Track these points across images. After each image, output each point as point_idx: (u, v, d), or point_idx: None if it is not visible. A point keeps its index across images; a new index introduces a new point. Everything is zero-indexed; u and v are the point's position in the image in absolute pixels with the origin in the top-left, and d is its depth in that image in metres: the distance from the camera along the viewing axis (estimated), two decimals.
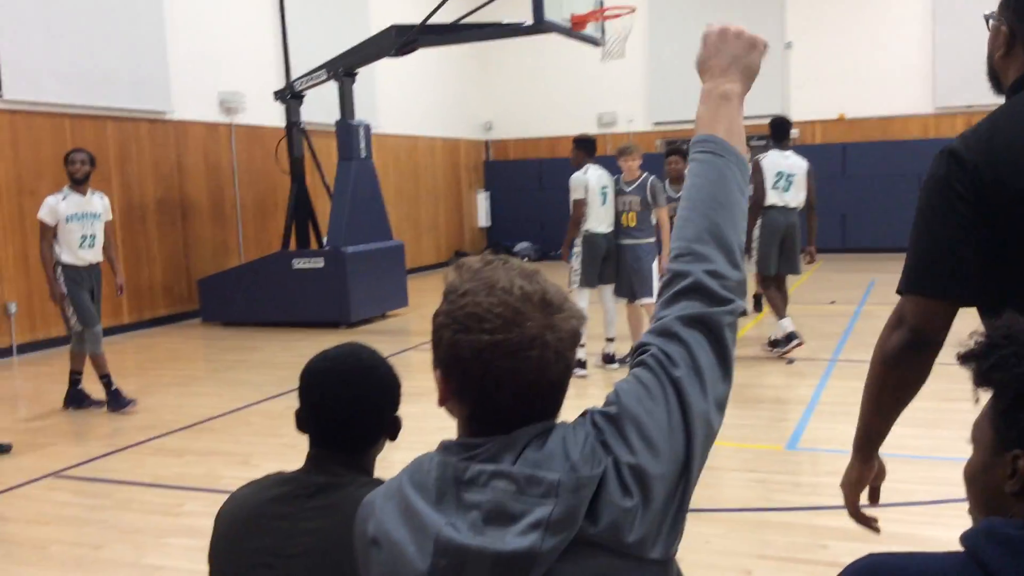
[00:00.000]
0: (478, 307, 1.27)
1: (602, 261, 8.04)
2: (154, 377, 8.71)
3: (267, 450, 6.06)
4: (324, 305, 10.99)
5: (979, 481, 1.29)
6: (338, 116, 11.51)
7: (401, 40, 10.81)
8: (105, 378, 7.26)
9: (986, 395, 1.26)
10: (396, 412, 1.98)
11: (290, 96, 11.90)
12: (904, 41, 16.69)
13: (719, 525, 4.47)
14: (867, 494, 2.12)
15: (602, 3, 11.35)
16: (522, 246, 18.89)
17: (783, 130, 8.55)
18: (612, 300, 8.25)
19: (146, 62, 11.44)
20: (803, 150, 9.32)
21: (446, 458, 1.30)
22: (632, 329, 8.19)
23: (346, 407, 1.90)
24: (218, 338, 10.88)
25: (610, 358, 8.19)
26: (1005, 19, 1.99)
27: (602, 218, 8.02)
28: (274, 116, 12.83)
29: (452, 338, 1.28)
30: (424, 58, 13.73)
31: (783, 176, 8.34)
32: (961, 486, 1.32)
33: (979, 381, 1.25)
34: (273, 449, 6.06)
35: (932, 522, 4.40)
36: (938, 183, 1.88)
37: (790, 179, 8.36)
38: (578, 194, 7.94)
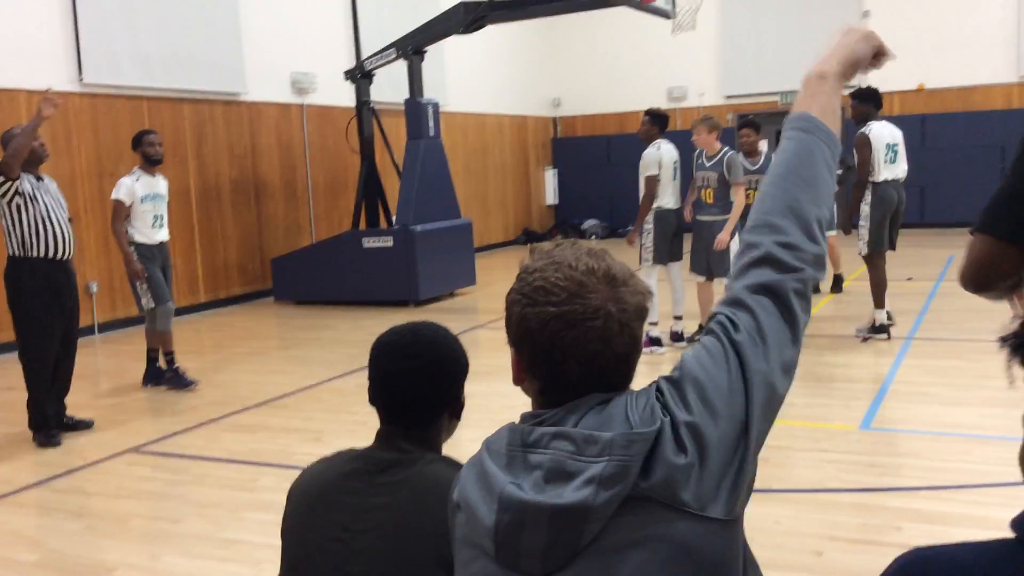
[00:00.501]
0: (545, 281, 1.35)
1: (671, 237, 7.96)
2: (229, 355, 8.90)
3: (338, 427, 6.15)
4: (393, 284, 11.09)
5: None
6: (407, 95, 11.56)
7: (470, 17, 10.81)
8: (169, 356, 7.43)
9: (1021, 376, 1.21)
10: (460, 388, 2.00)
11: (360, 76, 11.99)
12: (987, 7, 16.12)
13: (789, 506, 4.41)
14: None
15: None
16: (590, 223, 18.81)
17: (879, 99, 8.16)
18: (680, 278, 8.15)
19: (221, 45, 11.63)
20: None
21: (517, 425, 1.37)
22: (701, 308, 8.08)
23: (404, 379, 1.93)
24: (290, 316, 11.07)
25: (678, 336, 8.11)
26: None
27: (673, 193, 7.93)
28: (344, 96, 12.95)
29: (521, 312, 1.37)
30: (492, 35, 13.70)
31: (890, 148, 7.96)
32: None
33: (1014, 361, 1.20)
34: (344, 426, 6.15)
35: (1007, 504, 4.28)
36: None
37: (895, 149, 7.98)
38: (652, 171, 7.83)
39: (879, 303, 7.93)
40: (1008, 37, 16.03)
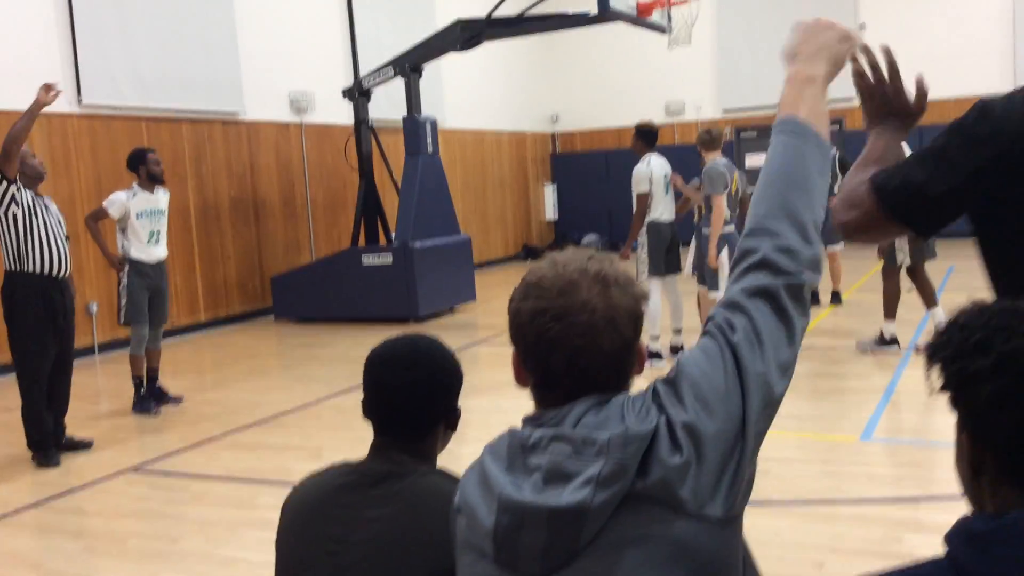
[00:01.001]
0: (540, 279, 1.43)
1: (666, 251, 7.96)
2: (228, 373, 8.89)
3: (337, 444, 6.13)
4: (393, 300, 11.08)
5: (957, 469, 1.29)
6: (405, 112, 11.59)
7: (467, 34, 10.85)
8: (137, 379, 7.36)
9: (938, 384, 1.24)
10: (455, 400, 1.99)
11: (358, 94, 12.02)
12: (981, 18, 16.18)
13: (790, 517, 4.40)
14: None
15: None
16: (590, 238, 18.82)
17: None
18: (678, 291, 8.15)
19: (219, 64, 11.67)
20: None
21: (518, 428, 1.42)
22: (702, 318, 8.07)
23: (400, 391, 1.92)
24: (290, 334, 11.06)
25: (678, 349, 8.10)
26: None
27: (666, 206, 7.95)
28: (343, 114, 12.98)
29: (515, 307, 1.44)
30: (489, 52, 13.75)
31: None
32: None
33: (932, 370, 1.22)
34: (344, 443, 6.13)
35: None
36: (963, 128, 1.81)
37: None
38: (642, 187, 7.85)
39: (890, 314, 7.90)
40: (1002, 48, 16.08)
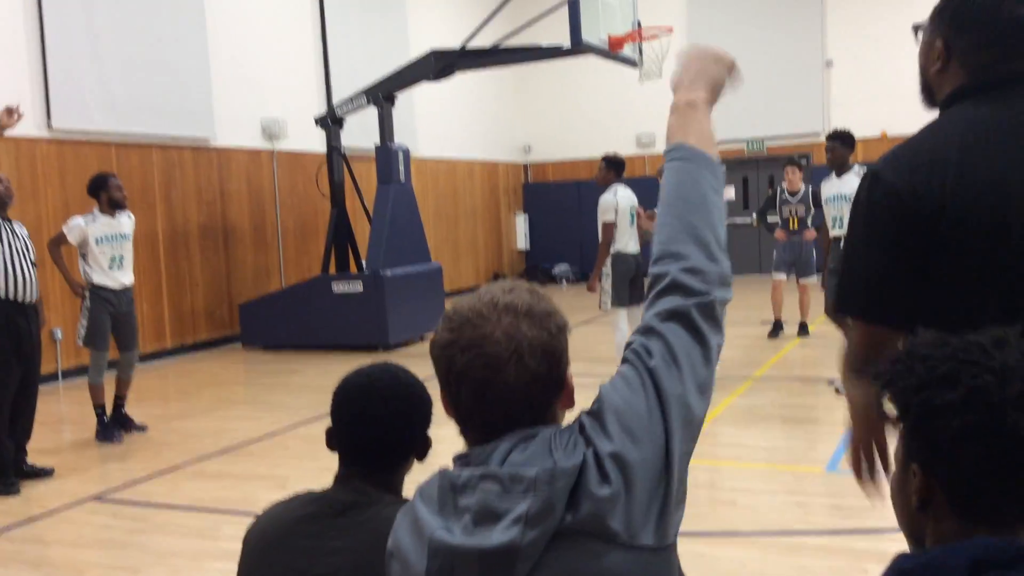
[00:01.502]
0: (455, 311, 1.42)
1: (631, 281, 8.02)
2: (194, 401, 8.80)
3: (304, 474, 6.08)
4: (363, 328, 11.04)
5: (896, 499, 1.28)
6: (377, 141, 11.62)
7: (440, 64, 10.91)
8: (99, 407, 7.26)
9: (896, 412, 1.24)
10: (426, 430, 1.99)
11: (331, 121, 12.03)
12: None
13: (755, 549, 4.40)
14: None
15: (639, 24, 11.36)
16: (561, 268, 18.88)
17: (853, 142, 7.83)
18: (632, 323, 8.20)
19: (191, 90, 11.64)
20: None
21: (448, 468, 1.39)
22: None
23: (381, 424, 1.91)
24: (258, 362, 10.97)
25: None
26: (940, 32, 1.93)
27: (632, 237, 8.02)
28: (315, 142, 12.97)
29: (432, 339, 1.46)
30: (462, 82, 13.83)
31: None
32: None
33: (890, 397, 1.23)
34: (310, 473, 6.07)
35: None
36: (865, 207, 1.87)
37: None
38: (608, 216, 7.94)
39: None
40: None
